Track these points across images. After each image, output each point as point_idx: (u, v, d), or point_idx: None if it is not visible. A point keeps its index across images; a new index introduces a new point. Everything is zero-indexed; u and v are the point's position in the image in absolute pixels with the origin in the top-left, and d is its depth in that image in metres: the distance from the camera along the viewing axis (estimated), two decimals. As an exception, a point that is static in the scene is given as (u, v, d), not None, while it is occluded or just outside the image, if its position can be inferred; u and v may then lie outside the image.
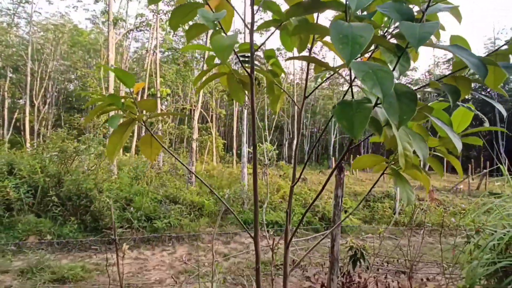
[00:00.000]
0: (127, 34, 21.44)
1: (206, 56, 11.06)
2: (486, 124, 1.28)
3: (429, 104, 1.16)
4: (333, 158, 26.27)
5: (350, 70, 0.97)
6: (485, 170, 16.03)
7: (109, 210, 6.20)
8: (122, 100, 1.14)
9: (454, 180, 20.53)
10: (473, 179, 19.22)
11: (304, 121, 36.02)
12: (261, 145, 11.49)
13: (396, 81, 0.84)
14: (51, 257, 5.13)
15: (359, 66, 0.73)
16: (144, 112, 1.22)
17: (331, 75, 1.37)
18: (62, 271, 4.50)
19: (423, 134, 1.17)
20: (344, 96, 1.11)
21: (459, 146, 1.02)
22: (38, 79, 24.29)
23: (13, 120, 24.99)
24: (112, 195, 6.61)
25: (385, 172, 1.49)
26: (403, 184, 1.37)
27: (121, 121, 1.18)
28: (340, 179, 2.34)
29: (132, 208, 6.76)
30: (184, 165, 1.59)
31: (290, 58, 1.08)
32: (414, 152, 1.03)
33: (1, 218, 6.05)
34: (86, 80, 22.65)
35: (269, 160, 10.29)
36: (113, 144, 1.14)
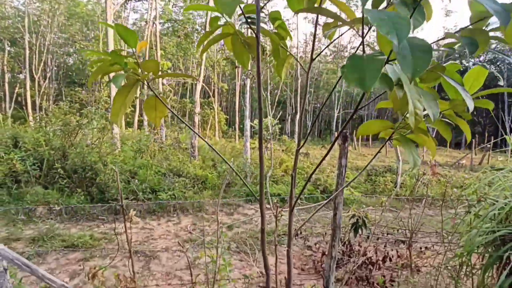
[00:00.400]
0: (125, 3, 20.73)
1: (209, 19, 10.70)
2: (501, 83, 1.24)
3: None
4: (335, 133, 26.19)
5: (362, 24, 0.92)
6: (488, 145, 15.98)
7: (114, 182, 6.31)
8: (125, 60, 1.10)
9: (456, 156, 20.55)
10: (475, 155, 19.23)
11: (307, 97, 35.52)
12: (264, 119, 11.44)
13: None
14: (61, 226, 5.30)
15: (375, 13, 0.69)
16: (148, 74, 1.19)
17: (341, 35, 1.31)
18: (71, 239, 4.67)
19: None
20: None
21: (471, 105, 0.99)
22: (37, 52, 23.86)
23: (15, 95, 24.90)
24: (116, 168, 6.70)
25: (391, 137, 1.47)
26: (410, 148, 1.36)
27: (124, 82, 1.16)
28: (344, 148, 2.32)
29: (136, 180, 6.87)
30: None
31: (300, 10, 1.03)
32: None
33: (10, 189, 6.19)
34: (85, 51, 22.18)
35: (272, 134, 10.26)
36: (118, 105, 1.13)
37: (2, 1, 22.86)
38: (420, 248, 3.78)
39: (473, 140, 20.15)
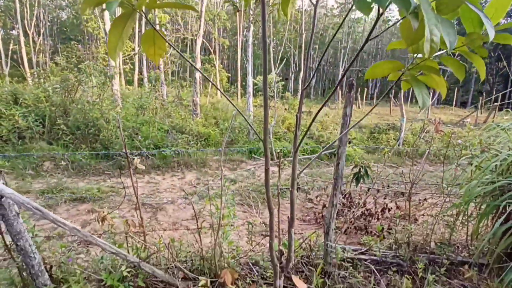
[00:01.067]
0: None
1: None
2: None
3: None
4: (339, 91, 25.69)
5: None
6: (495, 103, 15.68)
7: (117, 138, 6.35)
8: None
9: (461, 115, 20.33)
10: (481, 113, 18.98)
11: (312, 53, 34.34)
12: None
13: None
14: (68, 180, 5.45)
15: None
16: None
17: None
18: (80, 192, 4.82)
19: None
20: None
21: (491, 34, 0.92)
22: (27, 5, 22.66)
23: (9, 52, 24.18)
24: (119, 117, 6.71)
25: (401, 78, 1.41)
26: (420, 88, 1.30)
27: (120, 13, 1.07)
28: (349, 96, 2.26)
29: (140, 137, 6.91)
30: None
31: None
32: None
33: (15, 145, 6.28)
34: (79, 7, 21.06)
35: (275, 91, 10.07)
36: (114, 38, 1.05)
37: None
38: (419, 200, 3.87)
39: (480, 98, 19.74)
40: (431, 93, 16.27)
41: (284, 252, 1.36)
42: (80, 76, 7.11)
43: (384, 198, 4.19)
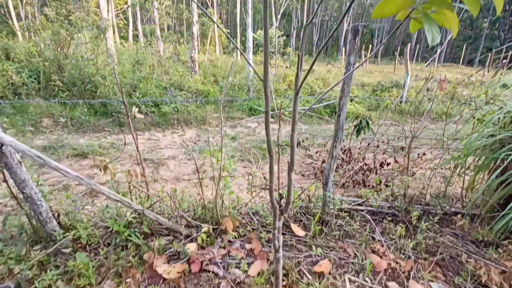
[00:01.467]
0: None
1: None
2: None
3: None
4: (343, 48, 24.75)
5: None
6: (504, 61, 15.17)
7: (115, 94, 6.25)
8: None
9: (468, 73, 19.79)
10: (488, 72, 18.49)
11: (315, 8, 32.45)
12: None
13: None
14: (69, 137, 5.46)
15: None
16: None
17: None
18: (81, 148, 4.86)
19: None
20: None
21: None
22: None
23: (-5, 5, 22.80)
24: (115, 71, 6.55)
25: (410, 15, 1.32)
26: (430, 24, 1.22)
27: None
28: (354, 43, 2.15)
29: (138, 93, 6.78)
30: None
31: None
32: None
33: (12, 102, 6.19)
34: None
35: (276, 47, 9.68)
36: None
37: None
38: (418, 154, 3.90)
39: (489, 54, 19.07)
40: (438, 51, 15.68)
41: (284, 196, 1.38)
42: (71, 29, 6.77)
43: (383, 154, 4.22)
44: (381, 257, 2.37)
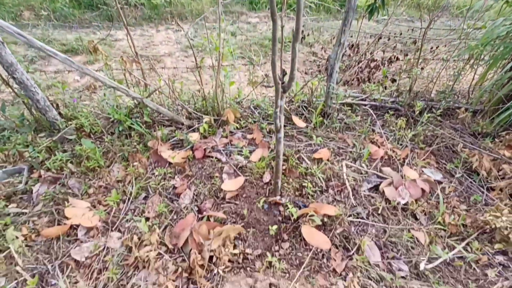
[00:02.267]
0: None
1: None
2: None
3: None
4: None
5: None
6: None
7: (97, -18, 5.49)
8: None
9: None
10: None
11: None
12: None
13: None
14: (55, 32, 5.05)
15: None
16: None
17: None
18: (70, 44, 4.54)
19: None
20: None
21: None
22: None
23: None
24: None
25: None
26: None
27: None
28: None
29: (123, -19, 5.96)
30: None
31: None
32: None
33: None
34: None
35: None
36: None
37: None
38: (431, 47, 3.63)
39: None
40: None
41: (287, 72, 1.28)
42: None
43: (394, 47, 3.94)
44: (379, 146, 2.44)
